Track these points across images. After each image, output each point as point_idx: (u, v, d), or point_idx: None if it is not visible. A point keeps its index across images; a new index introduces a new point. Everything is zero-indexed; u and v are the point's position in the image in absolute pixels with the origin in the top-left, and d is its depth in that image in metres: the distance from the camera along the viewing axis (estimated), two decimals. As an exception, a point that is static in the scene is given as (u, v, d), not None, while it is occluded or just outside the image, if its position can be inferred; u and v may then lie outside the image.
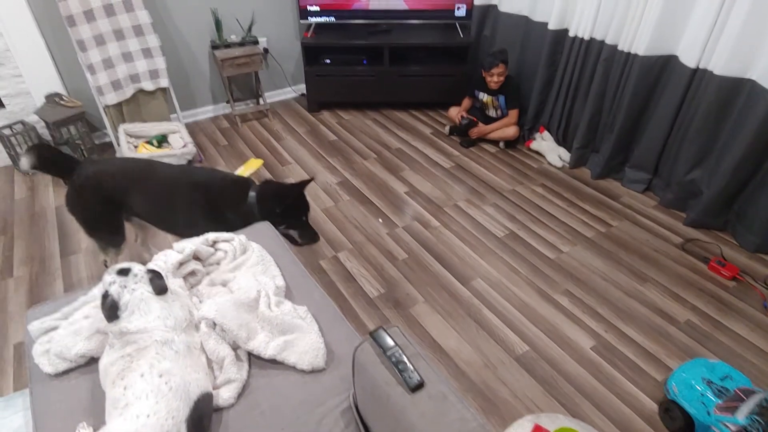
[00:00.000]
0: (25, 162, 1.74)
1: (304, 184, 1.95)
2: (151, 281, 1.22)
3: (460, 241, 2.51)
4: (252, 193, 1.86)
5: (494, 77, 3.11)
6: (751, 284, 2.23)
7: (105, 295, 1.16)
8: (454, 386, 1.78)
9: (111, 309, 1.14)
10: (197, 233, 1.58)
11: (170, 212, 1.89)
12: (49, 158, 1.82)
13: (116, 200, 1.85)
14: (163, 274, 1.26)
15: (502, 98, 3.25)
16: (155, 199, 1.87)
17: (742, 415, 1.46)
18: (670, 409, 1.63)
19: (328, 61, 3.62)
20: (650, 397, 1.76)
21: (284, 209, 1.88)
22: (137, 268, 1.23)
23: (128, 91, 3.07)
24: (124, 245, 2.02)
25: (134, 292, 1.17)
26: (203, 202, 1.84)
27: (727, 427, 1.47)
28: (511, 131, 3.27)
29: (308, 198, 1.99)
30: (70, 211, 1.90)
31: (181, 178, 1.90)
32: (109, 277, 1.19)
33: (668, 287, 2.23)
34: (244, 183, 1.92)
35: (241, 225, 1.77)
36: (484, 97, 3.31)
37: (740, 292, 2.20)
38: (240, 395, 1.20)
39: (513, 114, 3.27)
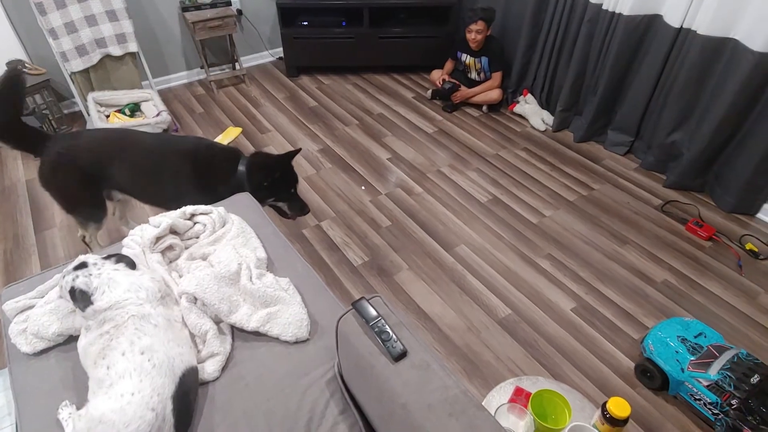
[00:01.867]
0: None
1: (291, 155, 1.90)
2: (118, 260, 1.20)
3: (443, 207, 2.51)
4: (241, 168, 1.81)
5: (472, 34, 3.03)
6: (727, 244, 2.29)
7: (72, 291, 1.12)
8: (439, 351, 1.82)
9: (83, 297, 1.11)
10: (184, 206, 1.54)
11: (156, 184, 1.82)
12: (16, 131, 1.71)
13: (95, 174, 1.77)
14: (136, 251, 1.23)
15: (485, 60, 3.18)
16: (140, 170, 1.80)
17: (714, 371, 1.52)
18: (646, 368, 1.69)
19: (305, 22, 3.49)
20: (627, 355, 1.82)
21: (272, 182, 1.84)
22: (91, 258, 1.20)
23: (94, 57, 2.92)
24: (105, 219, 1.96)
25: (101, 276, 1.14)
26: (192, 173, 1.78)
27: (699, 382, 1.53)
28: (495, 94, 3.22)
29: (292, 166, 1.95)
30: (46, 188, 1.81)
31: (167, 147, 1.82)
32: (69, 276, 1.14)
33: (647, 248, 2.27)
34: (234, 154, 1.87)
35: (229, 196, 1.73)
36: (466, 58, 3.24)
37: (716, 252, 2.26)
38: (224, 368, 1.21)
39: (496, 77, 3.21)
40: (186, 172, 1.78)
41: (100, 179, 1.80)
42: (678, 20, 2.36)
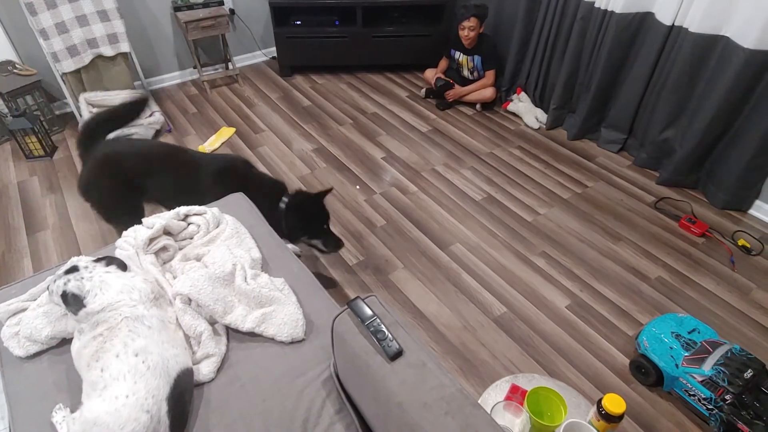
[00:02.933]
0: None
1: (324, 194, 1.90)
2: (109, 262, 1.19)
3: (438, 206, 2.51)
4: (282, 205, 1.82)
5: (465, 31, 3.02)
6: (720, 240, 2.30)
7: (64, 295, 1.11)
8: (435, 350, 1.82)
9: (75, 301, 1.10)
10: None
11: (195, 200, 1.78)
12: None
13: (139, 182, 1.74)
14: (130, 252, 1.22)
15: (478, 59, 3.18)
16: (181, 187, 1.77)
17: (708, 366, 1.53)
18: (641, 364, 1.70)
19: (298, 22, 3.47)
20: (622, 351, 1.83)
21: (306, 223, 1.85)
22: (82, 260, 1.19)
23: (86, 57, 2.90)
24: None
25: (93, 278, 1.13)
26: None
27: (693, 378, 1.54)
28: (488, 93, 3.23)
29: (324, 204, 1.92)
30: (85, 196, 1.79)
31: (212, 168, 1.80)
32: (60, 280, 1.13)
33: (640, 245, 2.28)
34: (279, 188, 1.87)
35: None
36: (459, 56, 3.24)
37: (709, 248, 2.27)
38: (219, 369, 1.20)
39: (489, 75, 3.22)
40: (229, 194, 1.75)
41: (142, 189, 1.77)
42: (670, 18, 2.38)
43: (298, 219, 1.83)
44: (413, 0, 3.46)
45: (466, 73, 3.30)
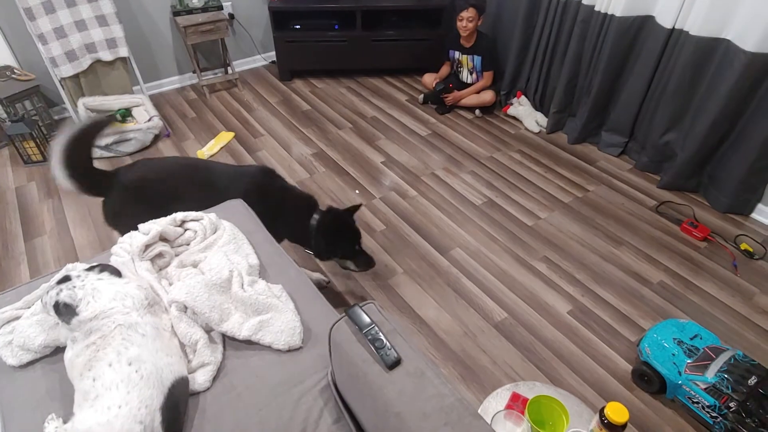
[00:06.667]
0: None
1: (353, 210, 1.88)
2: (102, 269, 1.17)
3: (438, 211, 2.49)
4: (313, 223, 1.78)
5: (463, 22, 2.99)
6: (722, 244, 2.28)
7: (56, 305, 1.09)
8: (434, 356, 1.80)
9: (67, 311, 1.08)
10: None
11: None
12: (90, 176, 1.60)
13: (165, 206, 1.65)
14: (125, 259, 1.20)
15: (478, 59, 3.17)
16: (206, 204, 1.68)
17: (711, 373, 1.50)
18: (644, 372, 1.67)
19: (297, 26, 3.47)
20: (624, 358, 1.81)
21: (339, 243, 1.83)
22: (74, 270, 1.17)
23: (85, 62, 2.89)
24: None
25: (85, 287, 1.12)
26: (264, 213, 1.69)
27: (697, 385, 1.52)
28: (488, 96, 3.21)
29: (354, 222, 1.90)
30: (113, 226, 1.73)
31: (239, 181, 1.74)
32: (53, 290, 1.11)
33: (642, 250, 2.26)
34: (309, 203, 1.83)
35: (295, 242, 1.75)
36: (459, 56, 3.23)
37: (711, 252, 2.25)
38: (215, 378, 1.18)
39: (488, 76, 3.21)
40: (257, 211, 1.69)
41: (167, 211, 1.67)
42: (670, 21, 2.37)
43: (331, 239, 1.79)
44: (412, 4, 3.46)
45: (465, 74, 3.29)
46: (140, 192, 1.67)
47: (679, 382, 1.56)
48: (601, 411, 1.23)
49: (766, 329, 1.91)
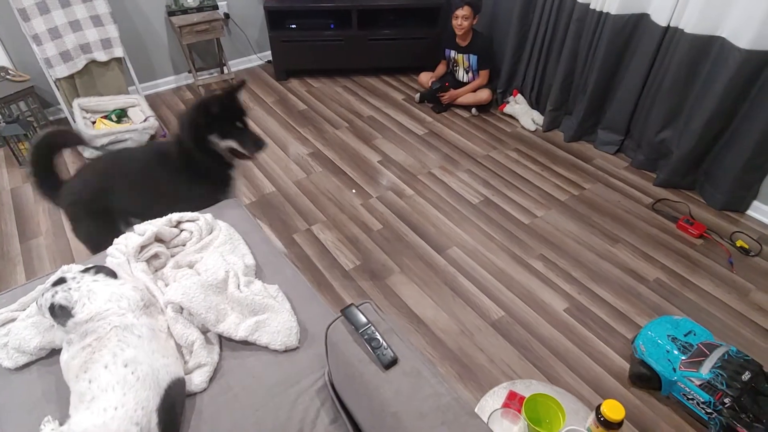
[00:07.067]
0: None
1: (235, 88, 1.65)
2: (97, 271, 1.17)
3: (435, 210, 2.49)
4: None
5: (459, 20, 2.99)
6: (718, 241, 2.29)
7: (52, 307, 1.09)
8: (432, 354, 1.80)
9: (63, 313, 1.08)
10: (183, 208, 1.50)
11: (156, 197, 1.69)
12: (53, 184, 1.63)
13: (109, 209, 1.65)
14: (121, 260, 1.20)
15: (474, 58, 3.17)
16: (135, 188, 1.67)
17: (705, 370, 1.51)
18: (639, 370, 1.67)
19: (293, 25, 3.46)
20: (620, 355, 1.81)
21: (212, 118, 1.58)
22: (70, 272, 1.17)
23: (79, 63, 2.88)
24: None
25: (80, 288, 1.11)
26: (174, 169, 1.65)
27: (691, 382, 1.53)
28: (484, 95, 3.22)
29: (235, 99, 1.68)
30: (79, 239, 1.73)
31: (151, 154, 1.73)
32: (48, 293, 1.11)
33: (639, 247, 2.27)
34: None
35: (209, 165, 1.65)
36: (455, 55, 3.23)
37: (707, 249, 2.26)
38: (212, 379, 1.18)
39: (484, 75, 3.21)
40: (170, 169, 1.66)
41: (114, 213, 1.67)
42: (665, 19, 2.37)
43: (199, 114, 1.56)
44: (408, 3, 3.46)
45: (462, 73, 3.29)
46: (86, 207, 1.64)
47: (674, 378, 1.56)
48: (598, 408, 1.23)
49: (761, 326, 1.92)
